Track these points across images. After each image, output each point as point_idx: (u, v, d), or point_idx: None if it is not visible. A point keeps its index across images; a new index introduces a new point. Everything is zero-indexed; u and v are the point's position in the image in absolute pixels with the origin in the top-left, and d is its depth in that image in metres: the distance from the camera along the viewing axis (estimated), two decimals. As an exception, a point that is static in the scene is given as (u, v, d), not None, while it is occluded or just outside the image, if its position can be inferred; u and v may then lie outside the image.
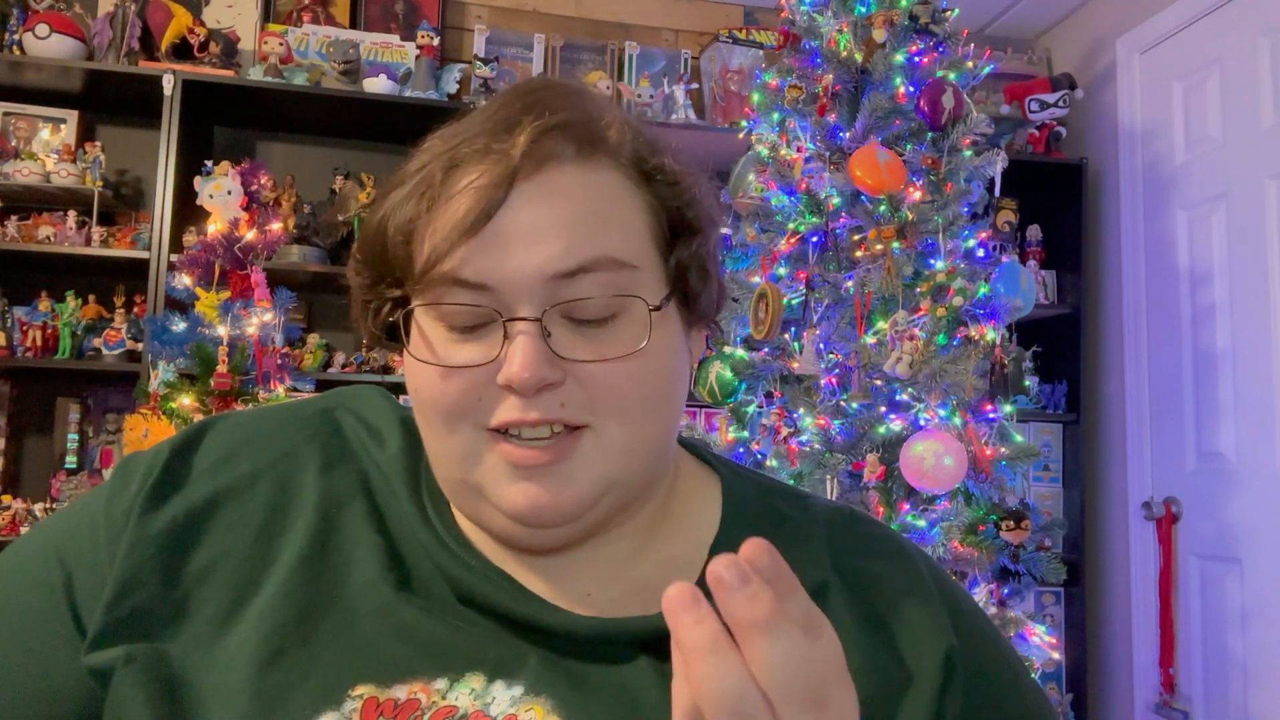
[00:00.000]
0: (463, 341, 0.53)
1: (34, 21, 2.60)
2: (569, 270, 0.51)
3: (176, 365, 2.00)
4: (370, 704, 0.50)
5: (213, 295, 1.98)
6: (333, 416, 0.63)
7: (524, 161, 0.51)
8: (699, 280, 0.58)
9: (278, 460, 0.59)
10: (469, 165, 0.53)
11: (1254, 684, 2.47)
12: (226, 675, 0.51)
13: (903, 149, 2.15)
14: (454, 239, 0.51)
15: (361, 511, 0.58)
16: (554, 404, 0.52)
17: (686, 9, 3.36)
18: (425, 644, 0.53)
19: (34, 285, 2.71)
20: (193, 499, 0.57)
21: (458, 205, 0.52)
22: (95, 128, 2.88)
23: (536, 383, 0.50)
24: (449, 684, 0.51)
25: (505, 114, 0.54)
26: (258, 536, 0.56)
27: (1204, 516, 2.66)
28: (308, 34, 2.92)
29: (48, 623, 0.55)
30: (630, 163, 0.55)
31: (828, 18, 2.24)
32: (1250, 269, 2.56)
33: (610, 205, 0.54)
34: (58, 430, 2.76)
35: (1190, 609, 2.68)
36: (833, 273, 2.14)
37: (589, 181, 0.54)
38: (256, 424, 0.62)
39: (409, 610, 0.54)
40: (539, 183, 0.52)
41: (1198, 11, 2.74)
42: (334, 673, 0.51)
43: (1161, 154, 2.90)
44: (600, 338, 0.53)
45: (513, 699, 0.51)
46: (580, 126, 0.54)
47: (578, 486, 0.53)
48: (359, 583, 0.55)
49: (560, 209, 0.52)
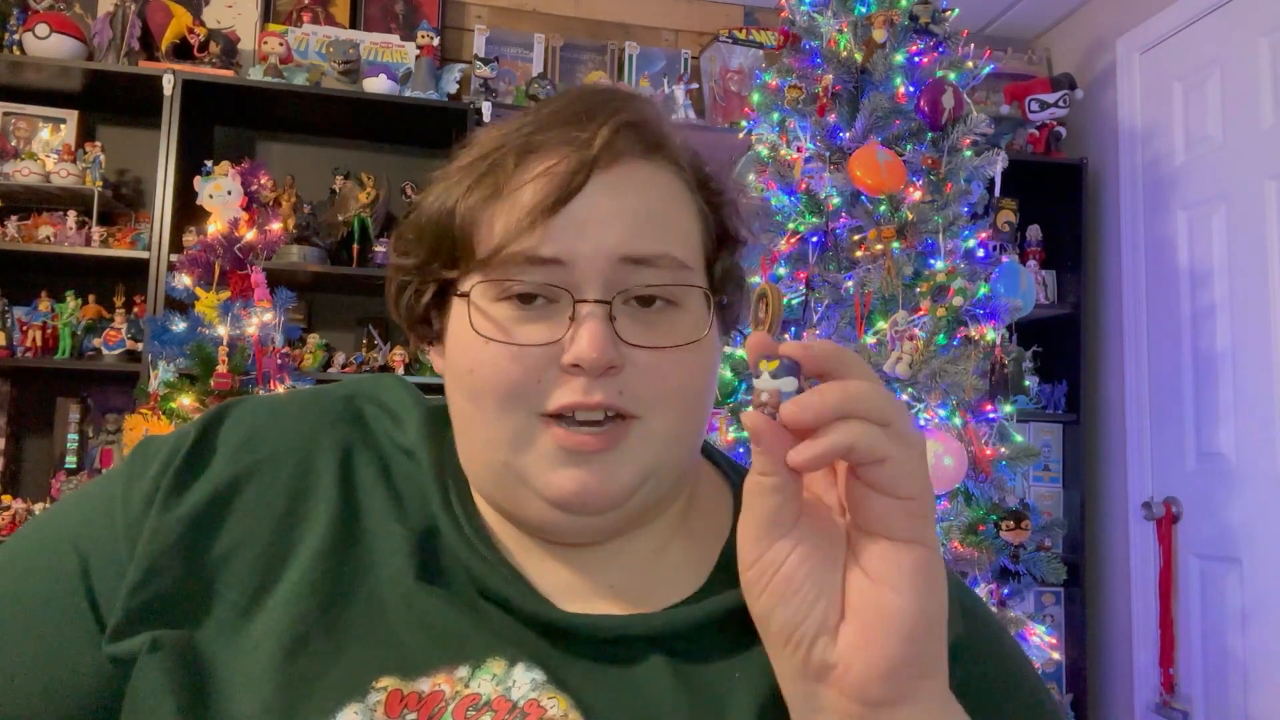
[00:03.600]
0: (526, 322, 0.53)
1: (34, 21, 2.60)
2: (640, 256, 0.53)
3: (176, 365, 2.00)
4: (394, 696, 0.50)
5: (213, 295, 1.98)
6: (354, 404, 0.63)
7: (602, 152, 0.53)
8: (735, 289, 0.60)
9: (299, 445, 0.59)
10: (545, 152, 0.54)
11: (1254, 684, 2.47)
12: (251, 663, 0.51)
13: (903, 149, 2.15)
14: (534, 217, 0.52)
15: (383, 499, 0.58)
16: (614, 389, 0.53)
17: (686, 9, 3.36)
18: (447, 634, 0.53)
19: (34, 285, 2.71)
20: (215, 482, 0.57)
21: (535, 188, 0.53)
22: (95, 128, 2.88)
23: (605, 363, 0.51)
24: (471, 671, 0.51)
25: (579, 108, 0.55)
26: (280, 522, 0.56)
27: (1204, 517, 2.66)
28: (308, 34, 2.92)
29: (63, 612, 0.54)
30: (689, 168, 0.58)
31: (828, 18, 2.24)
32: (1250, 269, 2.55)
33: (672, 206, 0.56)
34: (58, 430, 2.76)
35: (1190, 609, 2.67)
36: (833, 273, 2.14)
37: (655, 180, 0.56)
38: (277, 408, 0.61)
39: (431, 600, 0.54)
40: (614, 174, 0.54)
41: (1198, 11, 2.74)
42: (358, 664, 0.51)
43: (1161, 154, 2.90)
44: (659, 326, 0.54)
45: (534, 683, 0.51)
46: (650, 127, 0.56)
47: (624, 473, 0.53)
48: (383, 572, 0.55)
49: (632, 200, 0.54)
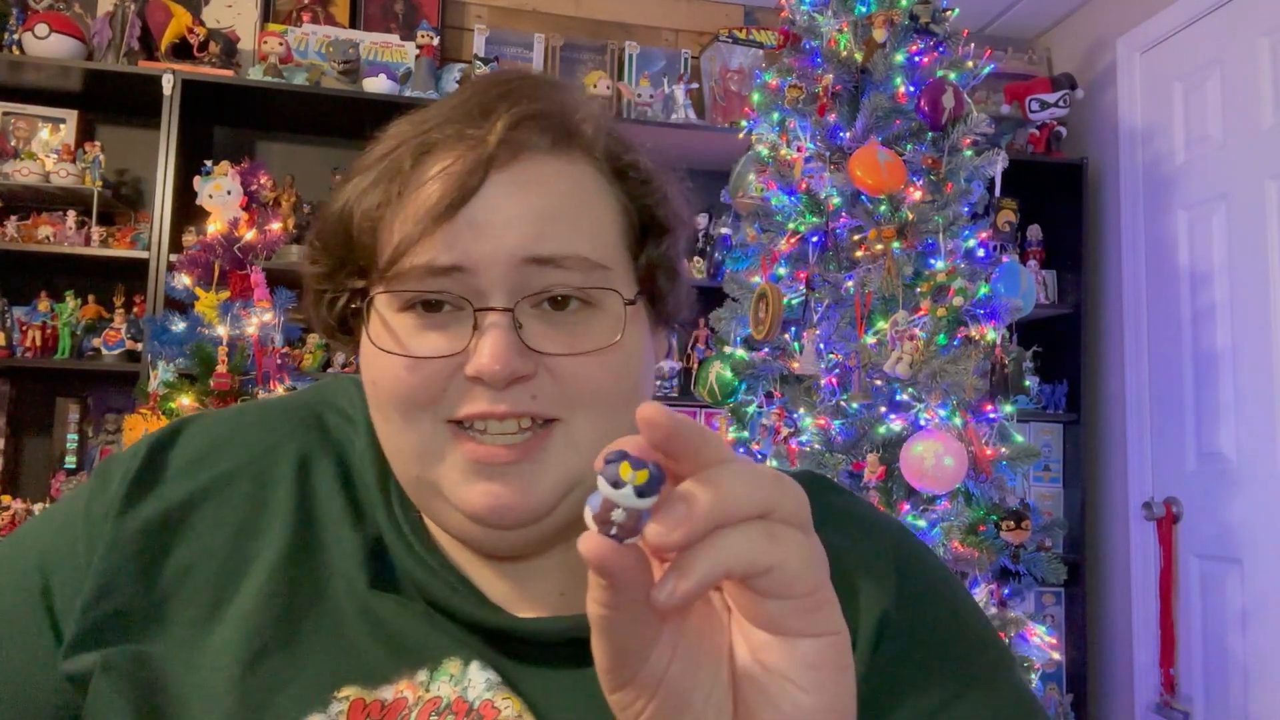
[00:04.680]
0: (429, 330, 0.51)
1: (33, 21, 2.59)
2: (545, 257, 0.50)
3: (176, 365, 2.00)
4: (357, 705, 0.49)
5: (212, 295, 1.98)
6: (314, 411, 0.61)
7: (500, 149, 0.50)
8: (667, 280, 0.57)
9: (256, 457, 0.57)
10: (441, 151, 0.51)
11: (1255, 684, 2.47)
12: (210, 677, 0.50)
13: (903, 149, 2.15)
14: (426, 225, 0.49)
15: (340, 506, 0.56)
16: (525, 397, 0.50)
17: (686, 9, 3.36)
18: (404, 640, 0.52)
19: (33, 285, 2.70)
20: (169, 499, 0.55)
21: (429, 191, 0.50)
22: (95, 127, 2.87)
23: (507, 374, 0.49)
24: (429, 674, 0.51)
25: (479, 100, 0.52)
26: (236, 535, 0.55)
27: (1204, 516, 2.66)
28: (307, 34, 2.92)
29: (26, 629, 0.54)
30: (604, 158, 0.54)
31: (828, 17, 2.24)
32: (1250, 269, 2.55)
33: (583, 201, 0.53)
34: (57, 430, 2.75)
35: (1191, 609, 2.67)
36: (833, 273, 2.13)
37: (563, 174, 0.52)
38: (234, 422, 0.60)
39: (385, 607, 0.53)
40: (515, 171, 0.51)
41: (1198, 11, 2.74)
42: (318, 674, 0.50)
43: (1162, 154, 2.89)
44: (573, 330, 0.51)
45: (488, 682, 0.50)
46: (556, 118, 0.52)
47: (543, 485, 0.51)
48: (339, 582, 0.54)
49: (535, 199, 0.51)
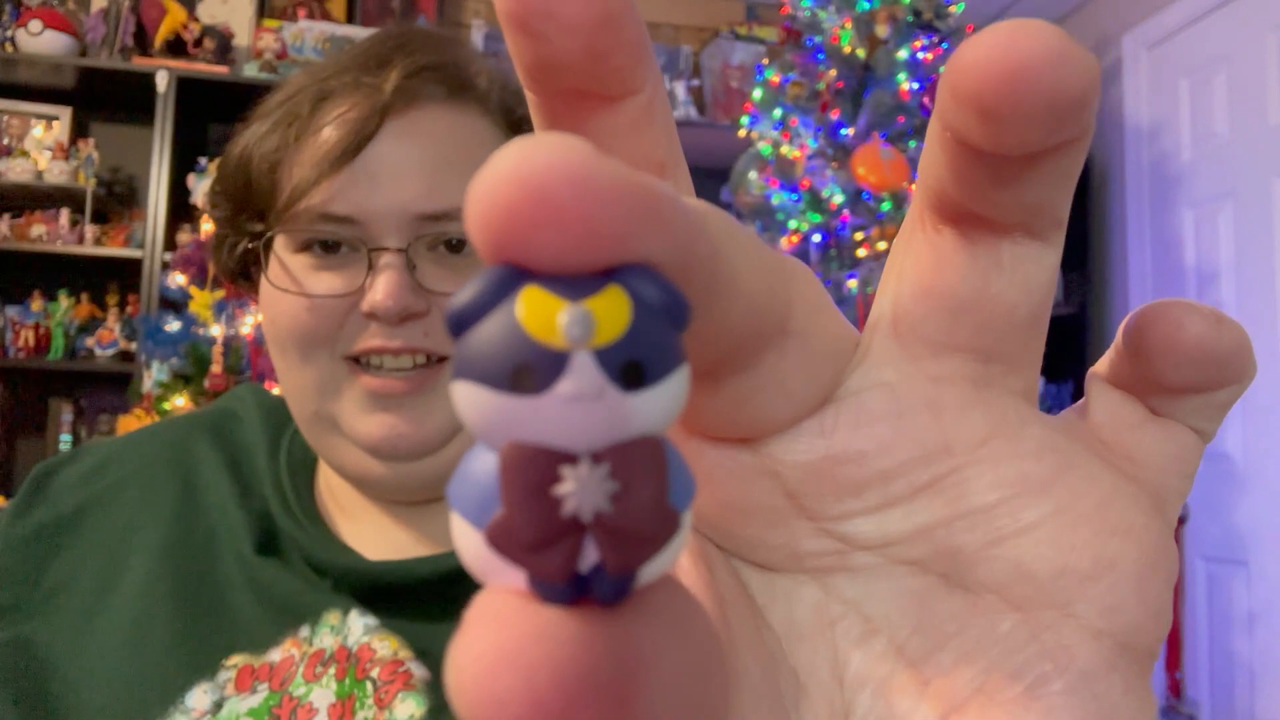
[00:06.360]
0: (325, 271, 0.52)
1: (27, 18, 2.58)
2: (438, 212, 0.52)
3: (170, 365, 1.99)
4: (245, 670, 0.50)
5: (207, 295, 1.97)
6: (206, 418, 0.63)
7: (395, 97, 0.51)
8: None
9: (146, 464, 0.60)
10: (338, 98, 0.52)
11: (1261, 687, 2.46)
12: (95, 656, 0.51)
13: (906, 146, 2.15)
14: (322, 169, 0.51)
15: (227, 489, 0.57)
16: (417, 333, 0.52)
17: (688, 5, 3.34)
18: (287, 600, 0.53)
19: (26, 284, 2.68)
20: (60, 507, 0.57)
21: (326, 137, 0.51)
22: (88, 125, 2.85)
23: (401, 311, 0.50)
24: (311, 629, 0.51)
25: (377, 52, 0.54)
26: (124, 530, 0.56)
27: (1211, 519, 2.64)
28: (303, 30, 2.90)
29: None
30: (498, 110, 0.56)
31: (830, 13, 2.23)
32: (1257, 267, 2.54)
33: (476, 152, 0.54)
34: (50, 431, 2.74)
35: (1197, 612, 2.66)
36: (835, 272, 2.13)
37: (458, 125, 0.54)
38: (127, 439, 0.63)
39: (268, 571, 0.54)
40: (409, 120, 0.52)
41: (1205, 7, 2.72)
42: (205, 645, 0.51)
43: (1168, 151, 2.87)
44: (466, 273, 0.53)
45: (366, 627, 0.51)
46: (451, 69, 0.54)
47: (436, 417, 0.52)
48: (229, 557, 0.55)
49: (428, 148, 0.52)
